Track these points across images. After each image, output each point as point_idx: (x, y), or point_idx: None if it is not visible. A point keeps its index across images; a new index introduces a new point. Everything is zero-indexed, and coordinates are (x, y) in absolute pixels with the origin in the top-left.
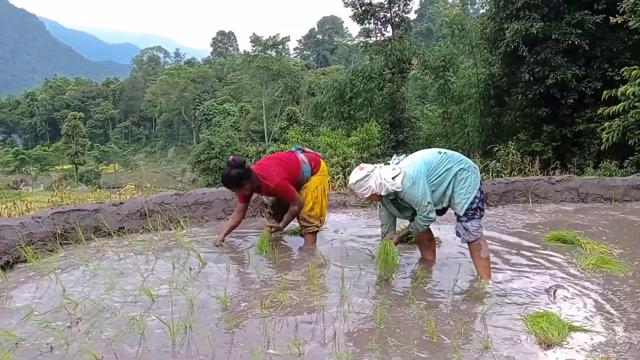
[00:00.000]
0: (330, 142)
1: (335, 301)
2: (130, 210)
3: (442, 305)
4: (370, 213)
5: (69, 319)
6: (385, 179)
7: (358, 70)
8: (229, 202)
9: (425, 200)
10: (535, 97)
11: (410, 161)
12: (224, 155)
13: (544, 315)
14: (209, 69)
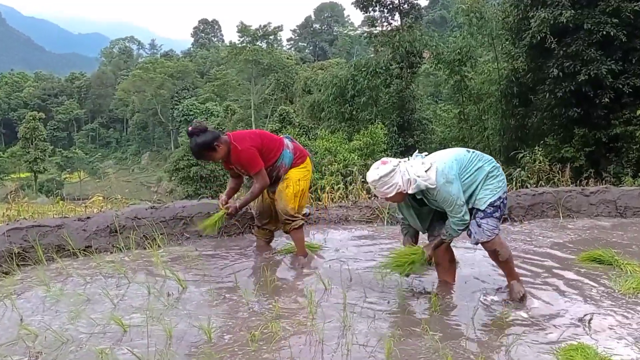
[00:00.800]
0: (330, 147)
1: (336, 332)
2: (99, 226)
3: (460, 337)
4: (377, 229)
5: (27, 353)
6: (417, 174)
7: (361, 64)
8: None
9: (460, 200)
10: (565, 96)
11: (438, 157)
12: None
13: (578, 349)
14: (189, 62)
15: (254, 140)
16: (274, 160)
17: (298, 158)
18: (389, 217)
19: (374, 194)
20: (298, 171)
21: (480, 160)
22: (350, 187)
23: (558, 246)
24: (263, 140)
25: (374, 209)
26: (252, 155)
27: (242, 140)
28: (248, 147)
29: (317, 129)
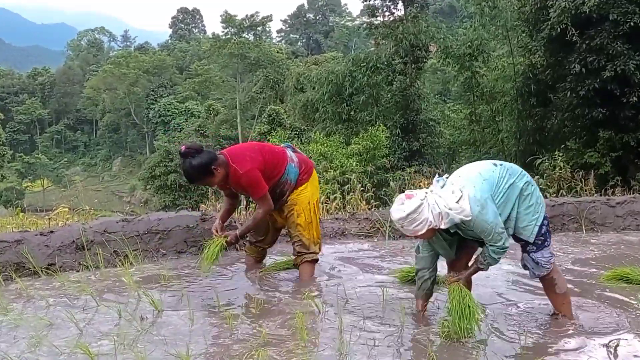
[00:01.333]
0: (325, 152)
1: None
2: (63, 241)
3: None
4: (376, 244)
5: None
6: (448, 206)
7: (360, 59)
8: (193, 231)
9: (499, 227)
10: (589, 95)
11: (465, 180)
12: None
13: None
14: (166, 56)
15: (255, 160)
16: (278, 177)
17: (304, 173)
18: (390, 230)
19: (403, 231)
20: (305, 192)
21: (511, 175)
22: (348, 196)
23: (580, 263)
24: (265, 157)
25: (373, 221)
26: (256, 178)
27: (242, 160)
28: (250, 169)
29: (311, 131)
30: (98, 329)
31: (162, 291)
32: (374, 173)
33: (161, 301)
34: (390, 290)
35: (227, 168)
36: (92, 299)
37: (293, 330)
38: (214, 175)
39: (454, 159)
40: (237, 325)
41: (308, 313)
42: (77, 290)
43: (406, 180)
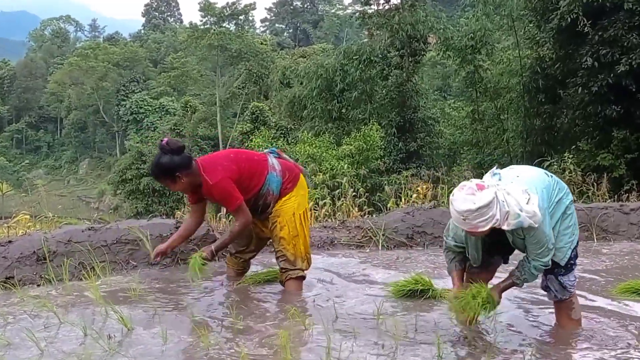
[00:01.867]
0: (313, 153)
1: None
2: (23, 252)
3: None
4: (369, 255)
5: None
6: (519, 206)
7: (352, 51)
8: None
9: (551, 242)
10: (602, 91)
11: (526, 182)
12: None
13: None
14: (139, 48)
15: (227, 169)
16: (257, 188)
17: (288, 182)
18: (384, 240)
19: (462, 224)
20: (290, 202)
21: (560, 189)
22: (339, 202)
23: (591, 274)
24: (240, 166)
25: (366, 230)
26: (227, 188)
27: (213, 170)
28: (221, 179)
29: (298, 130)
30: (61, 349)
31: (132, 307)
32: (367, 176)
33: (131, 318)
34: (384, 305)
35: (197, 178)
36: (54, 315)
37: (275, 350)
38: (175, 182)
39: (454, 161)
40: (214, 344)
41: (292, 331)
42: (38, 306)
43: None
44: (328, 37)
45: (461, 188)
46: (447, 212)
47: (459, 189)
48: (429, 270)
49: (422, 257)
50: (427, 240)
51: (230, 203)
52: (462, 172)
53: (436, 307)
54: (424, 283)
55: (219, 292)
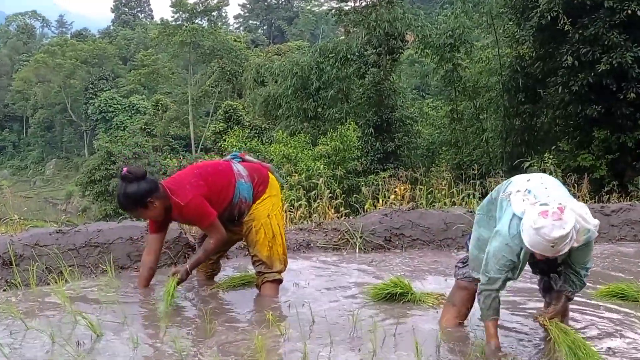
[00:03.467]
0: (288, 153)
1: None
2: None
3: None
4: (345, 258)
5: None
6: (587, 220)
7: (328, 49)
8: (138, 244)
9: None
10: (582, 90)
11: (560, 193)
12: None
13: None
14: (108, 45)
15: (196, 186)
16: (228, 199)
17: (258, 185)
18: (361, 242)
19: (548, 251)
20: (264, 203)
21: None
22: (315, 204)
23: None
24: (207, 180)
25: (342, 232)
26: (199, 206)
27: (181, 190)
28: (192, 198)
29: (273, 130)
30: (26, 356)
31: (101, 312)
32: (343, 177)
33: (100, 324)
34: (362, 310)
35: (166, 202)
36: (20, 321)
37: (250, 357)
38: (147, 208)
39: (433, 162)
40: (186, 351)
41: (268, 337)
42: (3, 312)
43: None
44: (303, 34)
45: (544, 215)
46: (426, 213)
47: (542, 216)
48: (407, 274)
49: (400, 260)
50: (405, 243)
51: (204, 220)
52: (440, 172)
53: (415, 311)
54: (402, 286)
55: (192, 297)
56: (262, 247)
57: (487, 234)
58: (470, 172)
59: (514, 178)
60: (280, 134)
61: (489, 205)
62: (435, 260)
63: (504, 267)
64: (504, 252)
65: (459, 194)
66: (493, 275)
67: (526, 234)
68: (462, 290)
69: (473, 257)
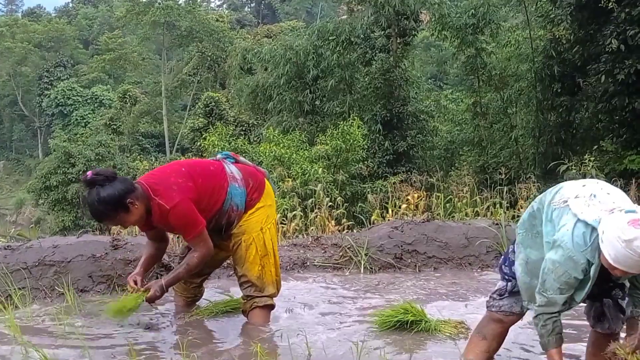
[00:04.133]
0: (281, 155)
1: None
2: None
3: None
4: (347, 279)
5: None
6: None
7: (328, 30)
8: (101, 262)
9: None
10: (630, 79)
11: (624, 200)
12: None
13: None
14: (66, 25)
15: (184, 188)
16: (218, 205)
17: (253, 191)
18: (366, 260)
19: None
20: (257, 214)
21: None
22: (312, 214)
23: None
24: (197, 182)
25: (344, 248)
26: (188, 213)
27: (167, 191)
28: (179, 202)
29: (262, 126)
30: None
31: (57, 343)
32: (346, 183)
33: (56, 356)
34: (367, 341)
35: (147, 203)
36: None
37: None
38: (129, 211)
39: (452, 164)
40: None
41: None
42: None
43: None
44: (298, 12)
45: (635, 224)
46: (443, 226)
47: (633, 226)
48: (420, 297)
49: (413, 282)
50: (418, 261)
51: (191, 230)
52: (461, 177)
53: (430, 342)
54: (415, 313)
55: (167, 325)
56: (253, 265)
57: (537, 254)
58: (497, 176)
59: (564, 184)
60: (270, 131)
61: (530, 220)
62: (454, 282)
63: (565, 286)
64: (566, 268)
65: (483, 202)
66: (552, 295)
67: (611, 247)
68: (496, 323)
69: (525, 287)
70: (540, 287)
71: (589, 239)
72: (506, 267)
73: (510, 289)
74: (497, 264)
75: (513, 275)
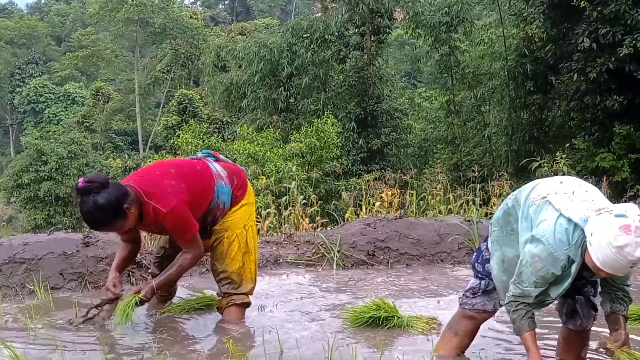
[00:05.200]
0: (255, 152)
1: None
2: None
3: None
4: (320, 276)
5: None
6: None
7: (302, 28)
8: (72, 259)
9: None
10: (601, 78)
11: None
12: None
13: None
14: (38, 22)
15: (178, 190)
16: (207, 204)
17: (238, 189)
18: (339, 257)
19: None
20: (240, 211)
21: None
22: (286, 212)
23: None
24: (188, 182)
25: (317, 245)
26: (184, 216)
27: (162, 194)
28: (176, 205)
29: (236, 124)
30: None
31: (28, 342)
32: (320, 181)
33: (27, 356)
34: (339, 338)
35: (140, 207)
36: None
37: None
38: (127, 216)
39: (426, 162)
40: None
41: None
42: None
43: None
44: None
45: (626, 230)
46: (416, 223)
47: (624, 232)
48: (392, 294)
49: (385, 278)
50: (391, 258)
51: (186, 233)
52: (435, 174)
53: (402, 338)
54: (387, 309)
55: (139, 322)
56: (234, 262)
57: (512, 252)
58: (470, 174)
59: (540, 181)
60: (244, 128)
61: (505, 217)
62: (426, 277)
63: (541, 280)
64: (545, 263)
65: (456, 200)
66: (527, 287)
67: (600, 252)
68: (468, 320)
69: (502, 285)
70: (516, 278)
71: (572, 237)
72: (479, 265)
73: (484, 288)
74: (469, 260)
75: (487, 273)
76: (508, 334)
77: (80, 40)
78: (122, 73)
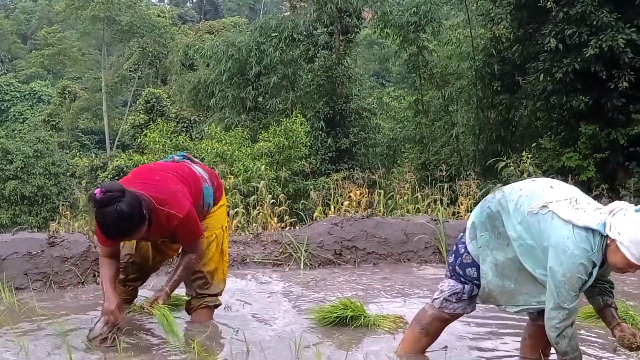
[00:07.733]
0: (223, 152)
1: None
2: None
3: None
4: (287, 275)
5: None
6: None
7: (271, 27)
8: (37, 259)
9: None
10: (567, 78)
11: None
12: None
13: None
14: (3, 19)
15: (185, 193)
16: (198, 206)
17: (217, 190)
18: (306, 256)
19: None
20: (219, 212)
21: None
22: (254, 212)
23: None
24: (189, 185)
25: (284, 244)
26: (195, 220)
27: (175, 199)
28: (190, 209)
29: (204, 123)
30: None
31: None
32: (289, 180)
33: None
34: (305, 337)
35: (150, 213)
36: None
37: None
38: (145, 222)
39: (394, 161)
40: None
41: None
42: None
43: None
44: (241, 9)
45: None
46: (383, 222)
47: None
48: (359, 293)
49: (351, 278)
50: (358, 257)
51: (196, 236)
52: (403, 174)
53: (369, 337)
54: (354, 308)
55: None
56: (211, 262)
57: (502, 255)
58: (438, 173)
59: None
60: (212, 127)
61: (490, 221)
62: (392, 277)
63: (577, 292)
64: (577, 274)
65: (424, 199)
66: (571, 305)
67: (635, 248)
68: (442, 322)
69: (499, 290)
70: (558, 300)
71: (593, 243)
72: (460, 269)
73: (469, 293)
74: (435, 259)
75: (471, 278)
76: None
77: (47, 38)
78: (89, 71)
